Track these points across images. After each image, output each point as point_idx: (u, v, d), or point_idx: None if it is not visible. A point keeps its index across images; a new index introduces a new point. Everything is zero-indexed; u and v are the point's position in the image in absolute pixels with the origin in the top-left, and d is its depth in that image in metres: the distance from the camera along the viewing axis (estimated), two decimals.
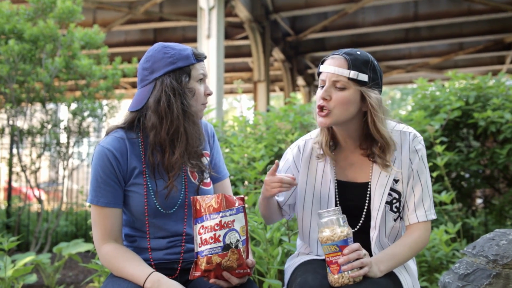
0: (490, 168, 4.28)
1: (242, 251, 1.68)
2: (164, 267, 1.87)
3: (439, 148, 3.63)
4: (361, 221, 1.92)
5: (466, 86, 4.34)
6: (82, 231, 7.26)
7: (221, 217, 1.66)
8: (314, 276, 1.72)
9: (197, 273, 1.67)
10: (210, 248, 1.64)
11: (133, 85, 18.16)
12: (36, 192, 5.81)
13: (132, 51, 13.52)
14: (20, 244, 6.35)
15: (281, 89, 18.29)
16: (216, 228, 1.65)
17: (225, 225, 1.66)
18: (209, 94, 1.92)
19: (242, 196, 1.76)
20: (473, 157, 4.13)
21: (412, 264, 1.94)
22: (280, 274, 2.86)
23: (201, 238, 1.66)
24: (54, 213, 6.62)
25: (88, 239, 6.59)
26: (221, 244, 1.65)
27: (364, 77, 1.79)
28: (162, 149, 1.85)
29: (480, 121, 3.98)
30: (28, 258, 3.78)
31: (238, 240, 1.67)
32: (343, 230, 1.68)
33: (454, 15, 11.64)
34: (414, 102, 4.57)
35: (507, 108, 3.95)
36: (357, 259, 1.66)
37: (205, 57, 1.93)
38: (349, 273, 1.64)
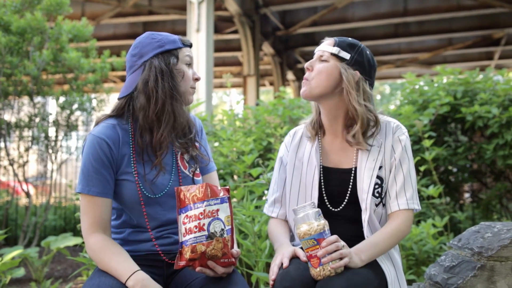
0: (478, 163, 4.31)
1: (227, 240, 1.69)
2: (151, 258, 1.88)
3: (427, 143, 3.66)
4: (342, 205, 1.95)
5: (454, 81, 4.37)
6: (70, 225, 7.22)
7: (206, 206, 1.66)
8: (296, 267, 1.72)
9: (182, 263, 1.67)
10: (194, 237, 1.64)
11: (122, 79, 18.06)
12: (24, 186, 5.77)
13: (121, 44, 13.43)
14: (8, 238, 6.31)
15: (271, 84, 18.27)
16: (201, 217, 1.65)
17: (209, 214, 1.66)
18: (197, 79, 1.96)
19: (227, 187, 1.76)
20: (461, 152, 4.16)
21: (396, 255, 1.95)
22: (268, 267, 2.86)
23: (185, 227, 1.66)
24: (42, 207, 6.58)
25: (77, 233, 6.56)
26: (206, 232, 1.64)
27: (345, 54, 1.92)
28: (151, 129, 1.87)
29: (467, 116, 4.01)
30: (15, 252, 3.76)
31: (222, 229, 1.67)
32: (319, 223, 1.69)
33: (443, 11, 11.69)
34: (402, 97, 4.59)
35: (494, 103, 3.98)
36: (336, 251, 1.67)
37: (191, 45, 1.97)
38: (329, 265, 1.66)
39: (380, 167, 1.92)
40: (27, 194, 5.77)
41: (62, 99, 5.79)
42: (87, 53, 5.95)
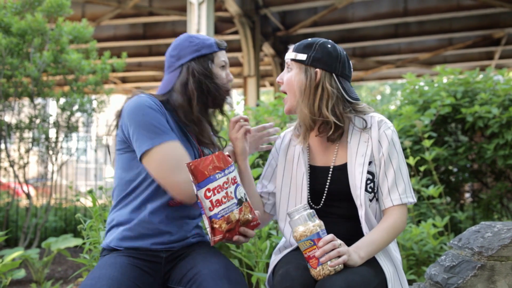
0: (478, 163, 4.30)
1: (251, 204, 1.74)
2: (150, 254, 1.90)
3: (427, 143, 3.65)
4: (321, 203, 1.96)
5: (454, 81, 4.37)
6: (71, 226, 7.22)
7: (227, 174, 1.67)
8: (296, 267, 1.73)
9: (219, 237, 1.66)
10: (226, 207, 1.64)
11: (123, 80, 18.09)
12: (25, 188, 5.77)
13: (121, 45, 13.45)
14: (9, 240, 6.31)
15: (271, 84, 18.29)
16: (226, 186, 1.65)
17: (232, 181, 1.67)
18: (230, 81, 2.10)
19: (228, 153, 1.77)
20: (461, 152, 4.16)
21: (395, 251, 1.95)
22: (268, 267, 2.87)
23: (211, 201, 1.63)
24: (43, 208, 6.58)
25: (77, 234, 6.57)
26: (235, 200, 1.66)
27: (302, 56, 1.94)
28: (196, 125, 2.00)
29: (468, 116, 4.00)
30: (16, 253, 3.76)
31: (245, 193, 1.71)
32: (314, 224, 1.70)
33: (443, 11, 11.69)
34: (403, 97, 4.59)
35: (494, 103, 3.98)
36: (333, 250, 1.67)
37: (226, 46, 2.10)
38: (328, 263, 1.66)
39: (370, 162, 1.91)
40: (28, 196, 5.78)
41: (62, 100, 5.79)
42: (87, 54, 5.96)
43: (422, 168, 3.62)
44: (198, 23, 8.37)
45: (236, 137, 2.04)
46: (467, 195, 5.44)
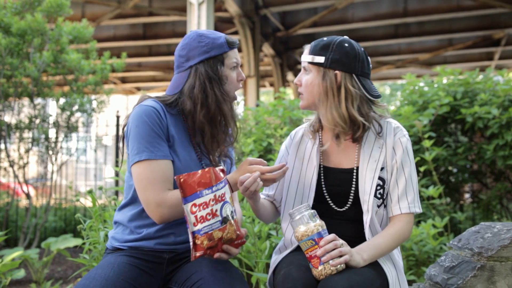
0: (478, 163, 4.30)
1: (237, 221, 1.71)
2: (153, 255, 1.89)
3: (427, 143, 3.65)
4: (347, 206, 1.93)
5: (453, 81, 4.37)
6: (71, 226, 7.22)
7: (214, 191, 1.65)
8: (298, 268, 1.72)
9: (199, 253, 1.65)
10: (209, 225, 1.63)
11: (123, 80, 18.07)
12: (25, 188, 5.77)
13: (121, 45, 13.45)
14: (8, 240, 6.31)
15: (271, 85, 18.28)
16: (212, 203, 1.64)
17: (219, 198, 1.65)
18: (242, 80, 2.01)
19: (222, 167, 1.76)
20: (461, 152, 4.16)
21: (398, 256, 1.94)
22: (268, 267, 2.87)
23: (195, 216, 1.63)
24: (42, 208, 6.57)
25: (77, 234, 6.56)
26: (219, 218, 1.64)
27: (320, 59, 1.90)
28: (201, 131, 1.95)
29: (467, 117, 4.00)
30: (16, 253, 3.76)
31: (232, 212, 1.69)
32: (315, 223, 1.70)
33: (443, 11, 11.69)
34: (402, 98, 4.59)
35: (494, 104, 3.98)
36: (334, 249, 1.67)
37: (238, 44, 2.02)
38: (330, 263, 1.65)
39: (382, 168, 1.90)
40: (27, 196, 5.77)
41: (62, 100, 5.80)
42: (87, 54, 5.96)
43: (422, 169, 3.61)
44: (198, 24, 8.36)
45: (248, 196, 1.85)
46: (466, 195, 5.44)
